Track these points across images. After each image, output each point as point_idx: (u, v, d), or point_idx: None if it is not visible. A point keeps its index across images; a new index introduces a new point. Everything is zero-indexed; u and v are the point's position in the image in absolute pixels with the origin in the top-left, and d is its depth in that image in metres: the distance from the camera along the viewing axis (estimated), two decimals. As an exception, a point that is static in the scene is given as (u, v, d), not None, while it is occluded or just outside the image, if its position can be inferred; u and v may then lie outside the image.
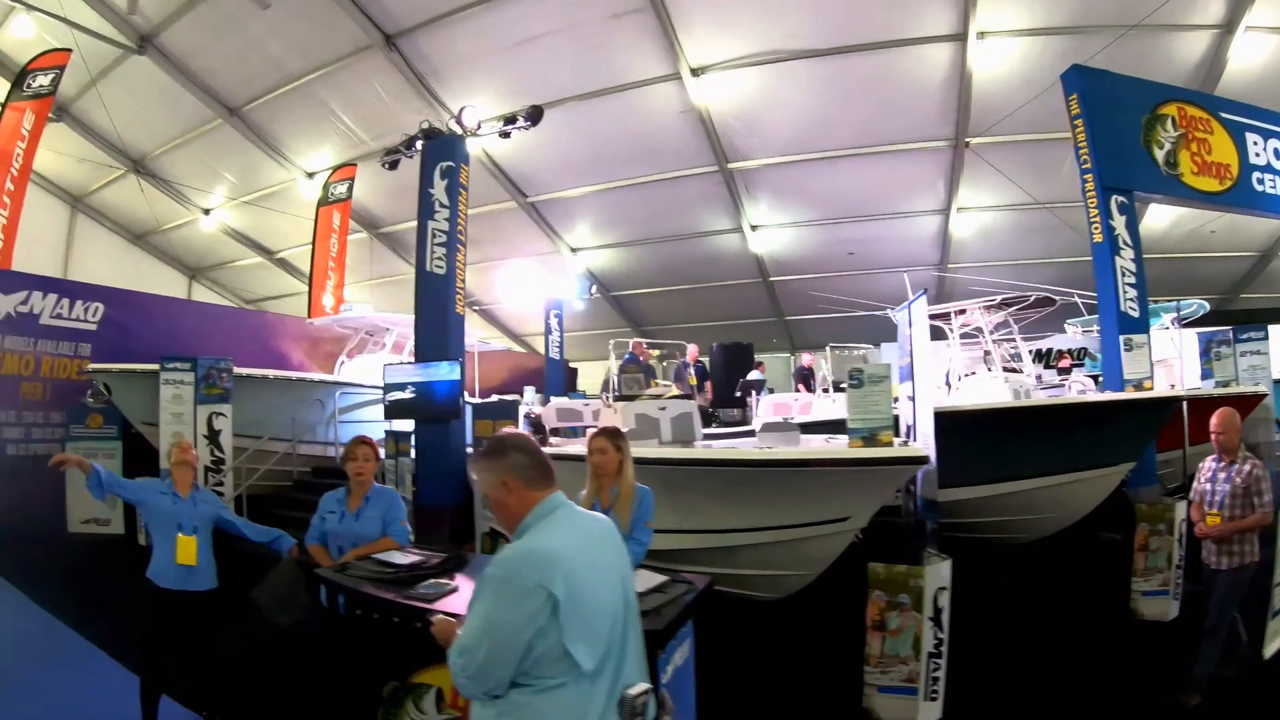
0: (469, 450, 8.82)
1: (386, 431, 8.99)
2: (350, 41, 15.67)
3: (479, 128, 9.80)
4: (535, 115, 9.94)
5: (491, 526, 7.63)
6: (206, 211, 23.43)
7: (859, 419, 5.76)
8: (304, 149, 19.77)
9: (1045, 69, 13.08)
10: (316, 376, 13.62)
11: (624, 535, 3.96)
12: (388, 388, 9.18)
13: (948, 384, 12.06)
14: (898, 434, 6.33)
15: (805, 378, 16.19)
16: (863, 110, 15.83)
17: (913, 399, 6.42)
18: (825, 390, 13.33)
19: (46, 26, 15.26)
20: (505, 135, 10.10)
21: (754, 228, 19.74)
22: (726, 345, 18.88)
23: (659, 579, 3.77)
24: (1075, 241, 17.02)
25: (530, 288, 18.85)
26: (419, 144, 9.96)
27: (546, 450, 2.72)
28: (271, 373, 12.57)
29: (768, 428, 8.23)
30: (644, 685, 2.38)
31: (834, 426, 9.79)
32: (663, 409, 8.62)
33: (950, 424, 6.80)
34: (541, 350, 19.54)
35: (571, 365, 21.25)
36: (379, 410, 13.07)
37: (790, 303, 22.70)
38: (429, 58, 15.85)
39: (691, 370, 14.90)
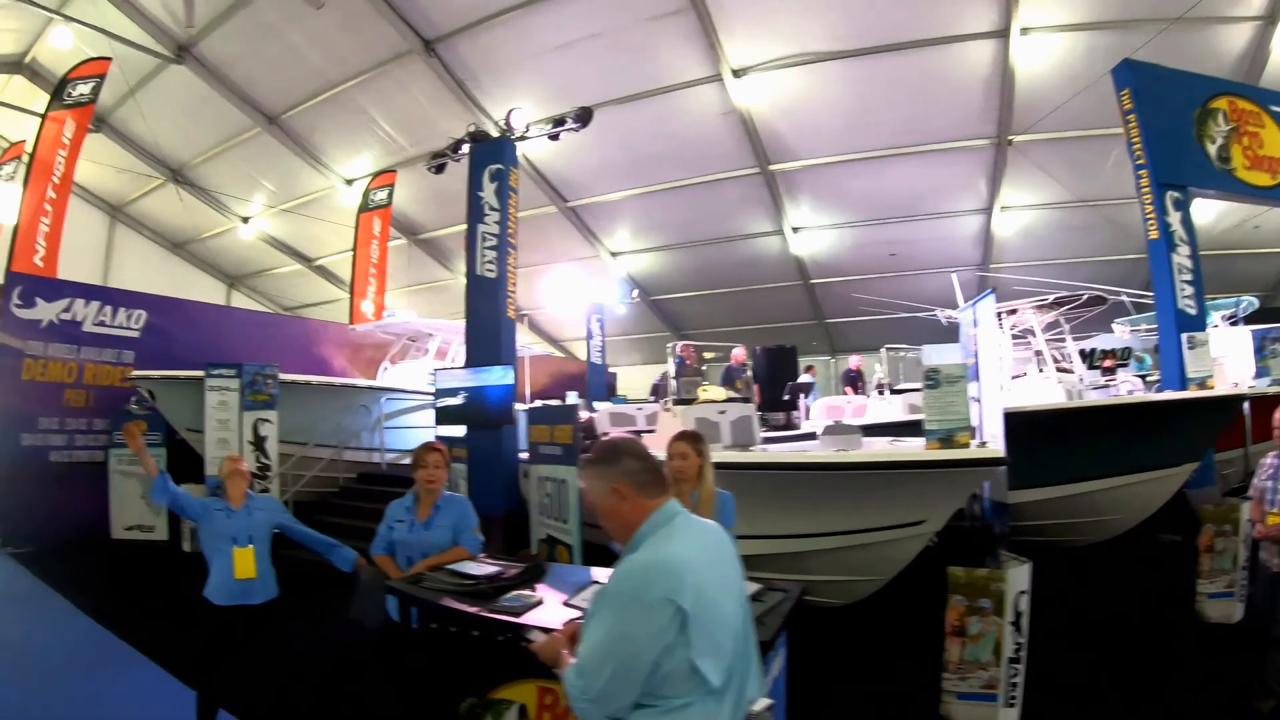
0: (522, 456, 8.67)
1: (436, 438, 8.84)
2: (389, 48, 15.70)
3: (527, 130, 9.67)
4: (585, 117, 9.84)
5: (549, 533, 7.46)
6: (245, 219, 23.63)
7: (936, 420, 5.59)
8: (343, 156, 19.85)
9: (1088, 65, 12.97)
10: (361, 382, 13.58)
11: None
12: (439, 393, 9.02)
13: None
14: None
15: (853, 380, 15.97)
16: (904, 109, 15.63)
17: (978, 399, 6.23)
18: (880, 392, 13.05)
19: (85, 38, 15.38)
20: (554, 138, 10.01)
21: (795, 230, 19.58)
22: (770, 348, 18.70)
23: (754, 587, 3.60)
24: (1117, 239, 16.88)
25: (570, 293, 18.76)
26: (466, 147, 9.84)
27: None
28: (316, 379, 12.54)
29: (830, 430, 8.04)
30: (767, 701, 2.27)
31: (894, 429, 9.59)
32: (722, 412, 8.44)
33: (1014, 425, 6.59)
34: (579, 355, 19.45)
35: (610, 370, 21.14)
36: (424, 416, 13.09)
37: (830, 305, 22.52)
38: (468, 63, 15.83)
39: (749, 372, 14.73)
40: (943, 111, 15.62)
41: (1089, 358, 17.00)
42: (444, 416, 8.95)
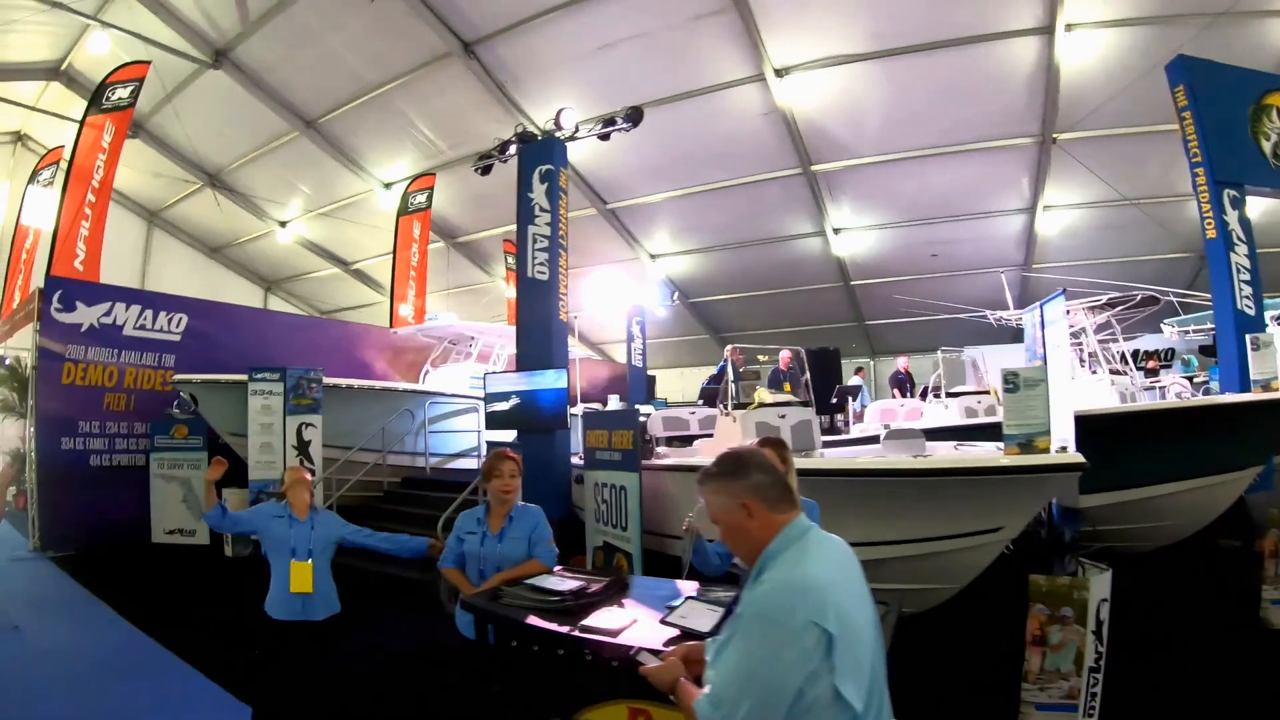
0: (575, 460, 8.50)
1: (494, 443, 8.67)
2: (428, 50, 15.58)
3: (577, 130, 9.49)
4: (635, 116, 9.66)
5: (606, 540, 7.27)
6: (283, 223, 23.65)
7: (1016, 424, 5.43)
8: (381, 159, 19.77)
9: (1133, 61, 12.78)
10: (406, 386, 13.46)
11: None
12: (489, 397, 8.84)
13: None
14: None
15: (901, 382, 15.72)
16: (947, 108, 15.33)
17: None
18: (935, 396, 12.80)
19: (122, 44, 15.35)
20: (605, 138, 9.83)
21: (836, 230, 19.29)
22: (813, 350, 18.46)
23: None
24: (1159, 238, 16.68)
25: (609, 295, 18.68)
26: (513, 148, 9.69)
27: (658, 462, 2.36)
28: (360, 382, 12.45)
29: (893, 435, 7.78)
30: None
31: (954, 433, 9.35)
32: (782, 416, 8.18)
33: (1082, 428, 6.52)
34: (616, 358, 19.29)
35: (648, 373, 21.03)
36: (468, 420, 12.98)
37: (870, 307, 22.23)
38: (508, 65, 15.68)
39: (806, 375, 14.50)
40: (986, 110, 15.31)
41: (1132, 359, 16.78)
42: (495, 421, 8.78)
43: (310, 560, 4.71)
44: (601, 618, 3.34)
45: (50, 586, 9.67)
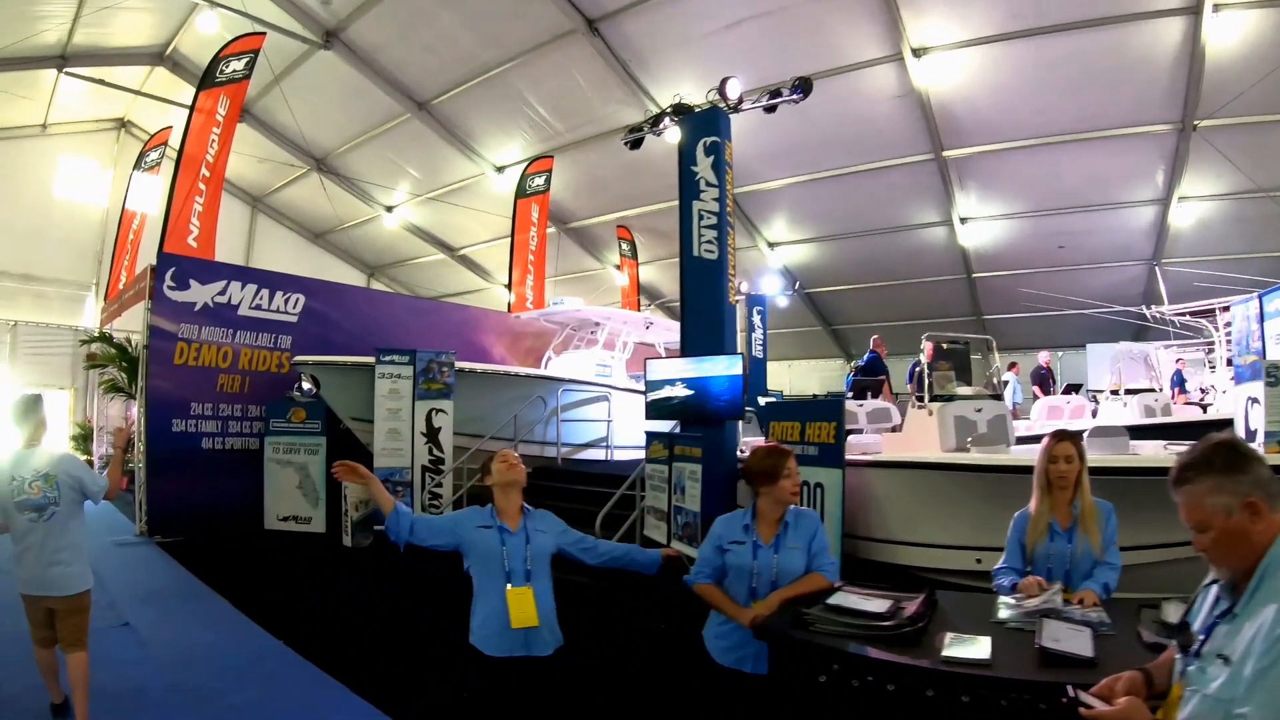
0: (741, 454, 7.82)
1: (656, 434, 8.01)
2: (550, 28, 15.08)
3: (740, 101, 8.81)
4: (805, 86, 8.98)
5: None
6: (389, 209, 23.48)
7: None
8: (493, 142, 19.39)
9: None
10: (539, 373, 13.03)
11: (1095, 560, 3.64)
12: (651, 385, 8.18)
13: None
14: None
15: (1043, 378, 14.94)
16: (1085, 92, 14.48)
17: (1257, 400, 5.77)
18: (1114, 393, 12.25)
19: (230, 27, 15.00)
20: (770, 110, 9.21)
21: (963, 220, 18.44)
22: (944, 344, 17.78)
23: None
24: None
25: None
26: (666, 121, 9.08)
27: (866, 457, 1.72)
28: (494, 368, 12.07)
29: (1097, 432, 7.03)
30: None
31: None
32: (979, 410, 7.52)
33: None
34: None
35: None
36: (599, 409, 12.45)
37: (990, 301, 21.26)
38: (633, 43, 15.12)
39: (995, 368, 13.79)
40: (1125, 95, 14.45)
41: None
42: (657, 411, 8.09)
43: (529, 585, 3.66)
44: (959, 643, 2.74)
45: (160, 575, 9.26)
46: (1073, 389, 14.55)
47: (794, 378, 23.90)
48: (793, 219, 20.11)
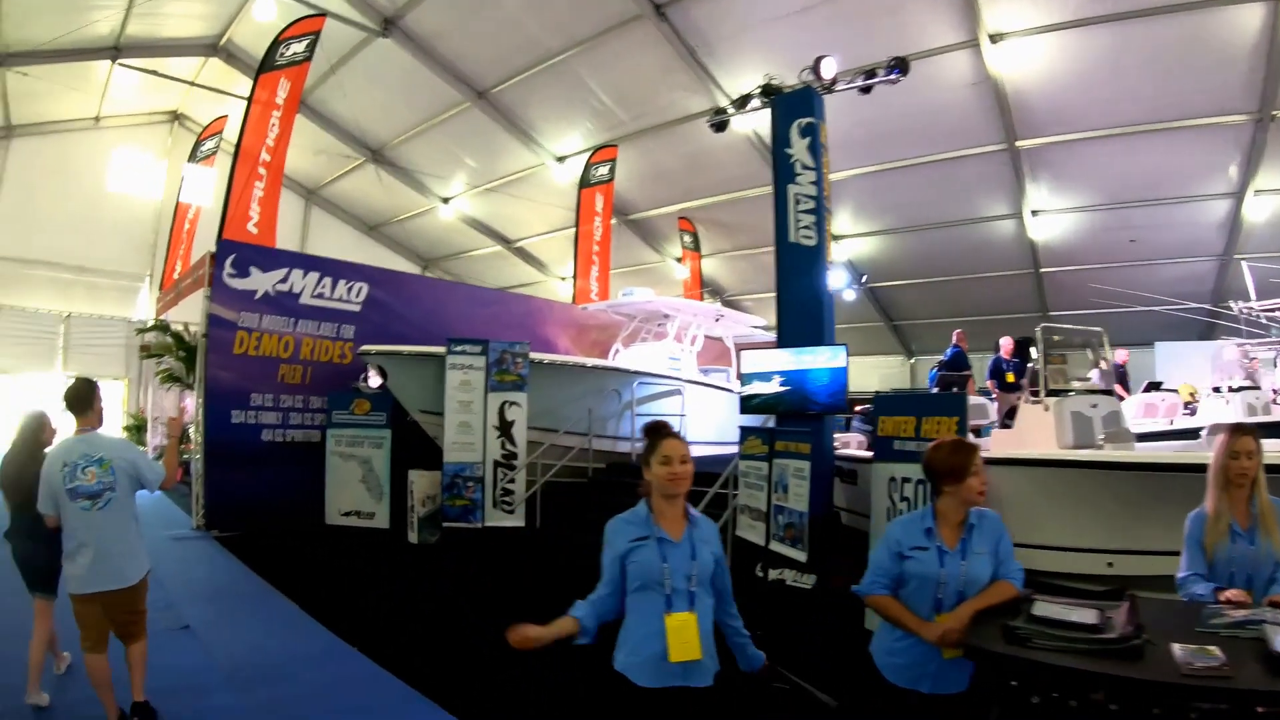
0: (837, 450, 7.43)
1: (753, 429, 7.61)
2: (616, 13, 14.71)
3: (835, 81, 8.42)
4: (903, 66, 8.61)
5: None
6: (446, 200, 23.26)
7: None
8: (554, 131, 19.05)
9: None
10: (614, 365, 12.77)
11: (1277, 562, 3.38)
12: (745, 378, 7.78)
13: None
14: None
15: (1122, 376, 14.37)
16: (1163, 81, 13.90)
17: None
18: (1217, 390, 11.81)
19: (286, 15, 14.69)
20: (866, 90, 8.88)
21: (1035, 213, 17.88)
22: (1018, 340, 17.29)
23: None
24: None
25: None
26: (754, 102, 8.74)
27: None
28: (569, 359, 11.80)
29: (1215, 430, 6.61)
30: None
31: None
32: (1094, 406, 7.09)
33: None
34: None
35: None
36: (673, 403, 12.11)
37: (1056, 297, 20.51)
38: (701, 28, 14.71)
39: (1114, 362, 13.46)
40: (1202, 84, 13.81)
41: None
42: (752, 405, 7.70)
43: (694, 611, 2.96)
44: (1193, 657, 2.50)
45: (219, 572, 9.04)
46: (1153, 386, 14.03)
47: (855, 374, 23.37)
48: (858, 211, 19.61)
